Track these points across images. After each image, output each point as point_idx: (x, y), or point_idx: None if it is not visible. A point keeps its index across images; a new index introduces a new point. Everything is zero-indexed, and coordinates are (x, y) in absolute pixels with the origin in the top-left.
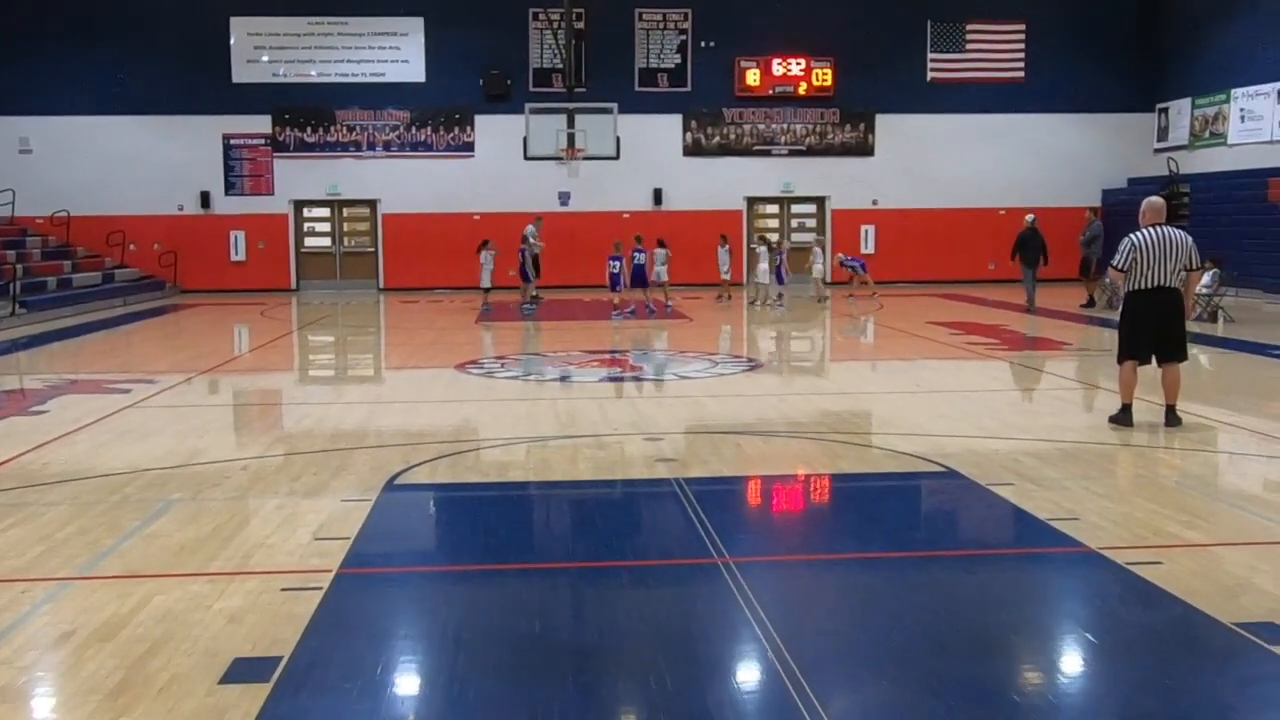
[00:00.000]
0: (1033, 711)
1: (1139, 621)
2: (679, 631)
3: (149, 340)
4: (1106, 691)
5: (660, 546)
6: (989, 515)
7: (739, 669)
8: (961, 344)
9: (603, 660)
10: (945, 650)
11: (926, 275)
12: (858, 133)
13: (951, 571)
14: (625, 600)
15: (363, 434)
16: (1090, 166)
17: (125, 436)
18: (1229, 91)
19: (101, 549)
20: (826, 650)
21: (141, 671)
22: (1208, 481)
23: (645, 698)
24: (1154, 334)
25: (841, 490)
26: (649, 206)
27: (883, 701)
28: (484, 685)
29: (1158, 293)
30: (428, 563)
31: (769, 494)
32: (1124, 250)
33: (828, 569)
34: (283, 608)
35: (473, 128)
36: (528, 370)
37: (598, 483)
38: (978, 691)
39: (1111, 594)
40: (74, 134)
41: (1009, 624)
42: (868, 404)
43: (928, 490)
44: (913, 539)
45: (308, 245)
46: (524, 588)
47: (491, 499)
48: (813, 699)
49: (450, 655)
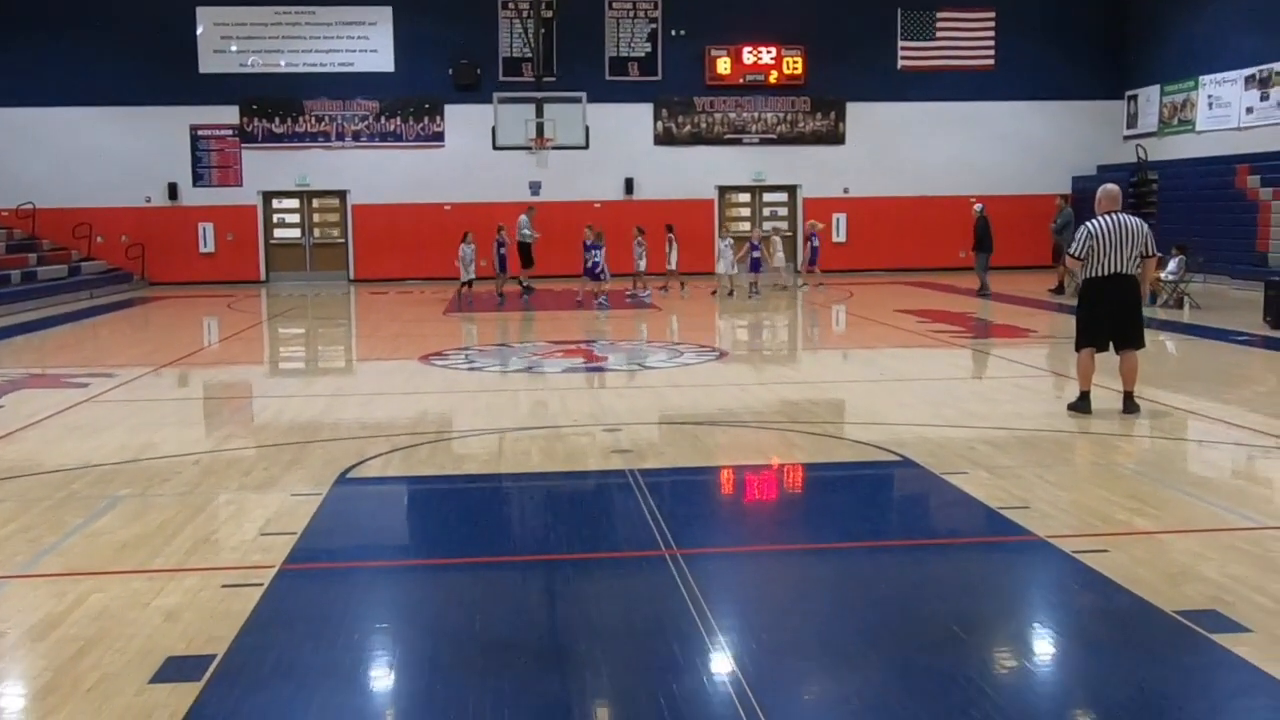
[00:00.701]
0: (970, 702)
1: (1081, 610)
2: (619, 625)
3: (113, 334)
4: (1045, 680)
5: (609, 539)
6: (940, 504)
7: (675, 663)
8: (927, 332)
9: (540, 655)
10: (886, 642)
11: (897, 263)
12: (829, 121)
13: (898, 561)
14: (568, 594)
15: (319, 427)
16: (1060, 154)
17: (78, 432)
18: (1197, 79)
19: (42, 546)
20: (766, 643)
21: (71, 671)
22: (1161, 468)
23: (580, 692)
24: (1111, 321)
25: (795, 481)
26: (620, 196)
27: (819, 693)
28: (419, 681)
29: (1114, 280)
30: (373, 558)
31: (722, 485)
32: (1080, 238)
33: (775, 560)
34: (221, 605)
35: (442, 118)
36: (491, 362)
37: (551, 475)
38: (917, 682)
39: (1055, 583)
40: (39, 125)
41: (951, 614)
42: (830, 393)
43: (881, 480)
44: (862, 529)
45: (277, 237)
46: (467, 582)
47: (442, 492)
48: (748, 692)
49: (388, 651)
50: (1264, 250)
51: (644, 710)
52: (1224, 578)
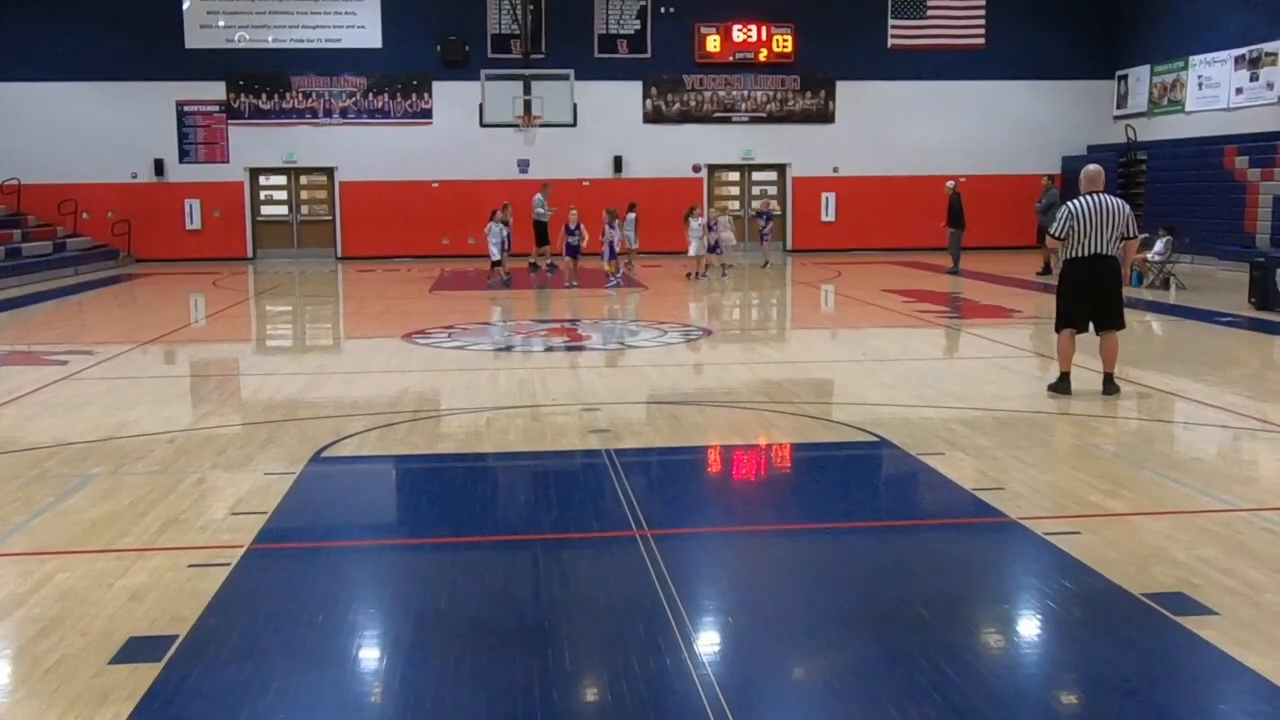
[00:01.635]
0: (937, 684)
1: (1050, 593)
2: (585, 607)
3: (96, 310)
4: (1011, 663)
5: (580, 520)
6: (915, 486)
7: (642, 643)
8: (912, 312)
9: (509, 635)
10: (855, 623)
11: (886, 243)
12: (818, 99)
13: (869, 543)
14: (538, 575)
15: (297, 405)
16: (1050, 133)
17: (54, 409)
18: (1187, 59)
19: (10, 525)
20: (733, 624)
21: (30, 652)
22: (1138, 450)
23: (548, 675)
24: (1091, 302)
25: (770, 461)
26: (609, 174)
27: (787, 674)
28: (385, 661)
29: (1094, 260)
30: (343, 537)
31: (697, 465)
32: (1061, 218)
33: (747, 541)
34: (187, 585)
35: (430, 94)
36: (474, 340)
37: (526, 454)
38: (886, 663)
39: (1025, 565)
40: (24, 100)
41: (921, 596)
42: (811, 373)
43: (857, 460)
44: (834, 510)
45: (264, 214)
46: (436, 562)
47: (417, 472)
48: (710, 675)
49: (354, 631)
50: (1251, 231)
51: (611, 690)
52: (1193, 560)
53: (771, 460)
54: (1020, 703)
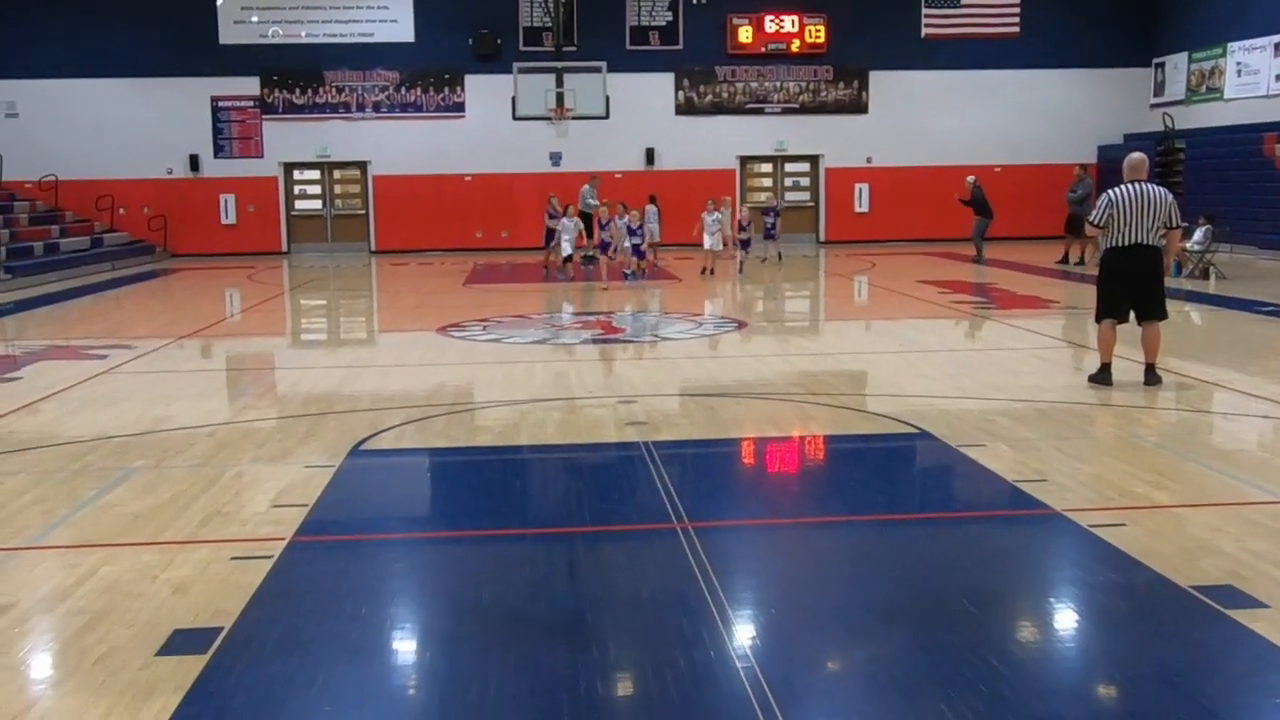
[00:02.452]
0: (984, 678)
1: (1097, 585)
2: (631, 599)
3: (134, 305)
4: (1059, 656)
5: (621, 512)
6: (957, 477)
7: (683, 638)
8: (949, 303)
9: (550, 628)
10: (900, 616)
11: (920, 234)
12: (851, 90)
13: (913, 535)
14: (581, 568)
15: (335, 398)
16: (1086, 122)
17: (95, 403)
18: (1225, 45)
19: (55, 518)
20: (777, 617)
21: (78, 644)
22: (1181, 441)
23: (592, 667)
24: (1133, 292)
25: (810, 453)
26: (641, 166)
27: (829, 668)
28: (427, 654)
29: (1136, 250)
30: (384, 530)
31: (736, 457)
32: (1101, 207)
33: (789, 533)
34: (230, 577)
35: (463, 88)
36: (509, 333)
37: (564, 447)
38: (931, 657)
39: (1072, 557)
40: (61, 97)
41: (966, 589)
42: (848, 364)
43: (897, 452)
44: (876, 502)
45: (298, 208)
46: (478, 555)
47: (456, 465)
48: (755, 668)
49: (397, 624)
50: None
51: (654, 683)
52: (1242, 552)
53: (811, 452)
54: (1068, 696)
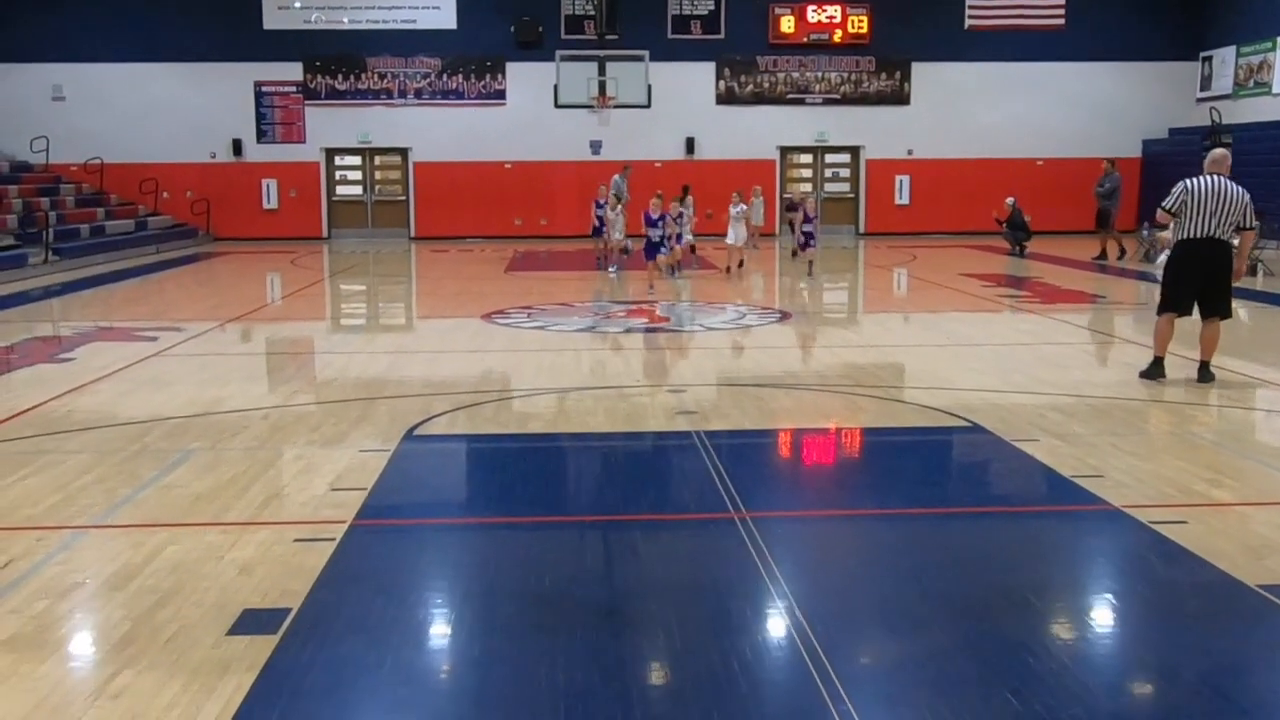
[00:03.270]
0: (1049, 672)
1: (1161, 582)
2: (691, 587)
3: (180, 288)
4: (1125, 652)
5: (677, 500)
6: (1012, 472)
7: (750, 625)
8: (993, 296)
9: (613, 616)
10: (962, 608)
11: (961, 227)
12: (893, 81)
13: (971, 529)
14: (639, 555)
15: (384, 384)
16: (1131, 116)
17: (149, 385)
18: (1275, 39)
19: (118, 498)
20: (840, 607)
21: (150, 622)
22: (1238, 439)
23: (655, 654)
24: (1198, 286)
25: (863, 445)
26: (681, 156)
27: (894, 659)
28: (491, 640)
29: (1207, 244)
30: (443, 515)
31: (789, 448)
32: (1175, 193)
33: (846, 525)
34: (294, 559)
35: (504, 75)
36: (553, 321)
37: (617, 435)
38: (994, 650)
39: (1134, 553)
40: (107, 81)
41: (1028, 583)
42: (894, 357)
43: (951, 446)
44: (933, 495)
45: (339, 194)
46: (536, 541)
47: (510, 451)
48: (822, 657)
49: (460, 609)
50: None
51: (718, 671)
52: None
53: (864, 444)
54: (1137, 692)
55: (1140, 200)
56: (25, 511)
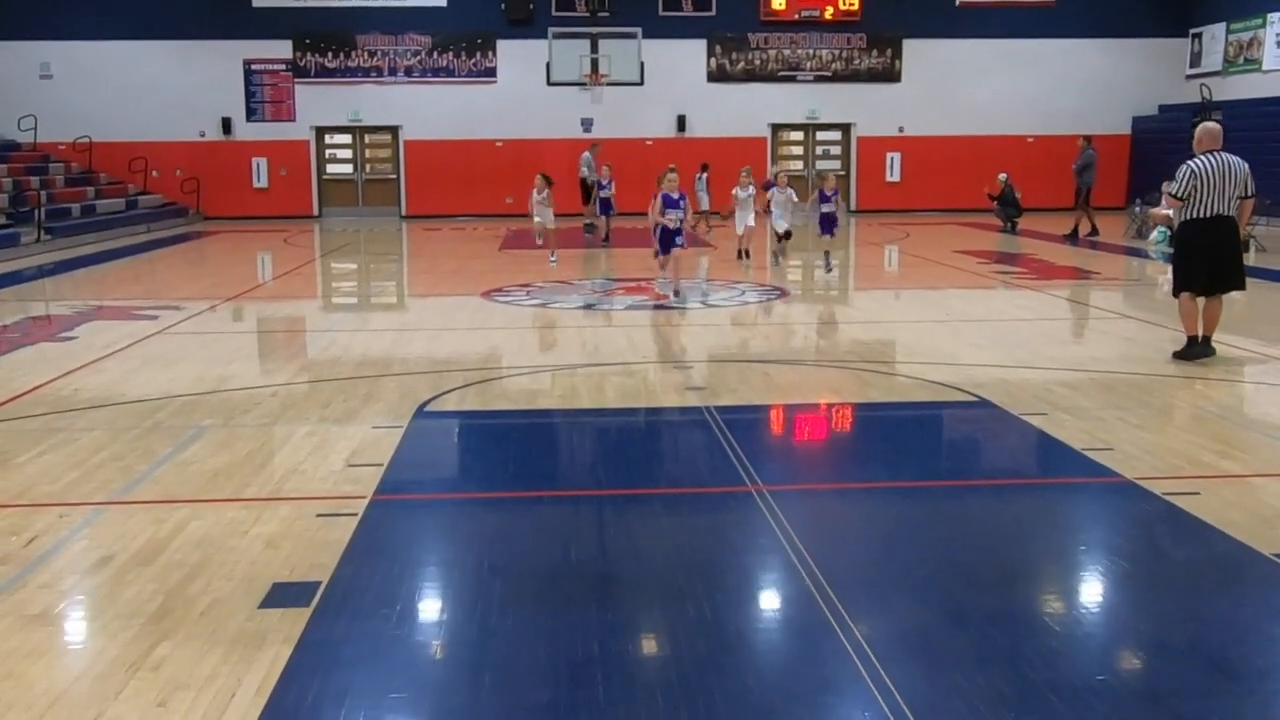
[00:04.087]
0: (1069, 639)
1: (1179, 552)
2: (715, 558)
3: (174, 267)
4: (1144, 620)
5: (693, 474)
6: (1022, 445)
7: (775, 596)
8: (990, 273)
9: (639, 587)
10: (986, 579)
11: (952, 204)
12: (885, 58)
13: (986, 500)
14: (660, 527)
15: (390, 361)
16: (1121, 93)
17: (154, 363)
18: (1265, 16)
19: (136, 475)
20: (862, 578)
21: (182, 595)
22: (1242, 412)
23: (683, 623)
24: (1211, 263)
25: (873, 419)
26: (672, 133)
27: (924, 629)
28: (521, 611)
29: (1215, 221)
30: (461, 489)
31: (800, 422)
32: (1183, 178)
33: (862, 497)
34: (319, 534)
35: (495, 53)
36: (554, 298)
37: (628, 410)
38: (1020, 620)
39: (1149, 524)
40: (95, 59)
41: (1048, 553)
42: (896, 333)
43: (960, 420)
44: (947, 468)
45: (330, 172)
46: (558, 514)
47: (522, 426)
48: (850, 625)
49: (487, 582)
50: None
51: (751, 640)
52: None
53: (874, 419)
54: (1162, 659)
55: (1130, 177)
56: (44, 488)
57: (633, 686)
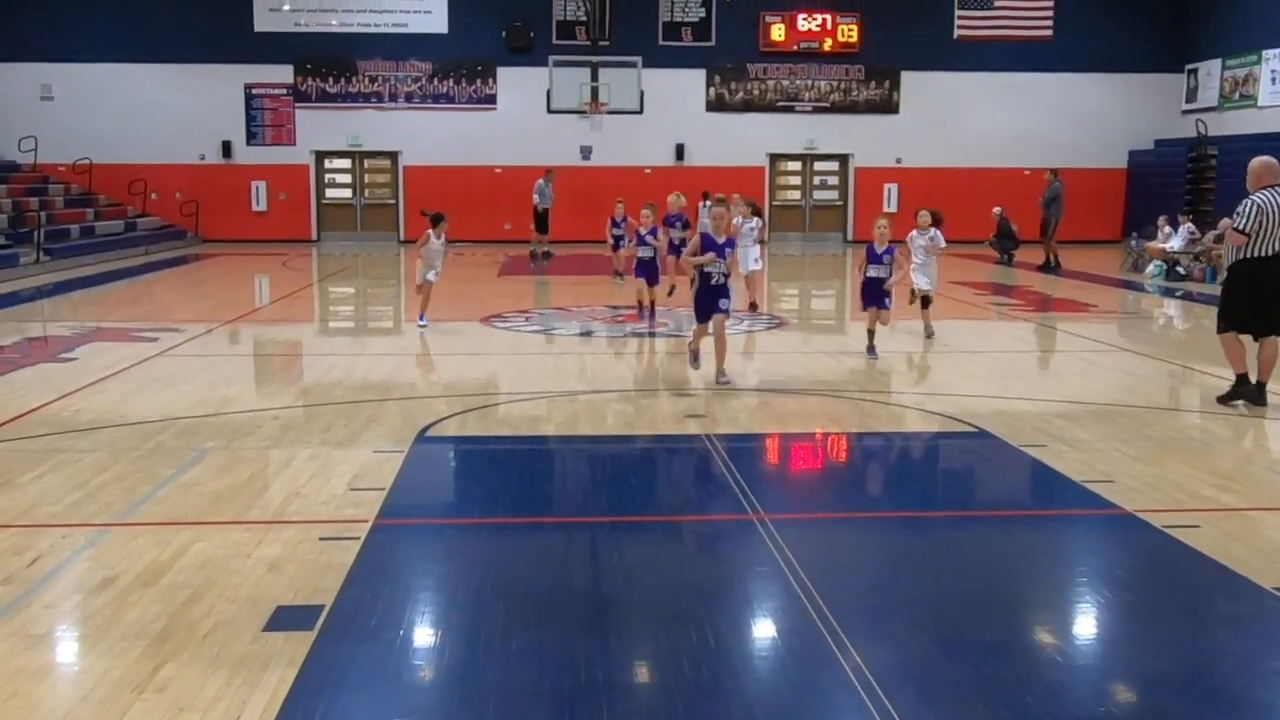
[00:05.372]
0: (1070, 670)
1: (1178, 584)
2: (717, 586)
3: (173, 289)
4: (1145, 653)
5: (695, 502)
6: (1022, 476)
7: (777, 624)
8: (986, 304)
9: (642, 613)
10: (988, 610)
11: (950, 235)
12: (883, 90)
13: (987, 531)
14: (662, 554)
15: (391, 386)
16: (1117, 127)
17: (155, 384)
18: (1260, 53)
19: (138, 496)
20: (863, 607)
21: (186, 617)
22: (1240, 445)
23: (686, 650)
24: (1264, 302)
25: (874, 449)
26: (671, 162)
27: (920, 657)
28: (524, 637)
29: (1275, 260)
30: (463, 514)
31: (801, 451)
32: (1249, 213)
33: (864, 527)
34: (321, 557)
35: (495, 80)
36: (553, 325)
37: (630, 438)
38: (1014, 650)
39: (1149, 556)
40: (96, 81)
41: (1046, 584)
42: (896, 363)
43: (960, 450)
44: (948, 499)
45: (329, 197)
46: (560, 540)
47: (523, 452)
48: (852, 653)
49: (490, 607)
50: None
51: (756, 667)
52: None
53: (875, 448)
54: (1163, 692)
55: (1126, 211)
56: (47, 509)
57: (636, 713)
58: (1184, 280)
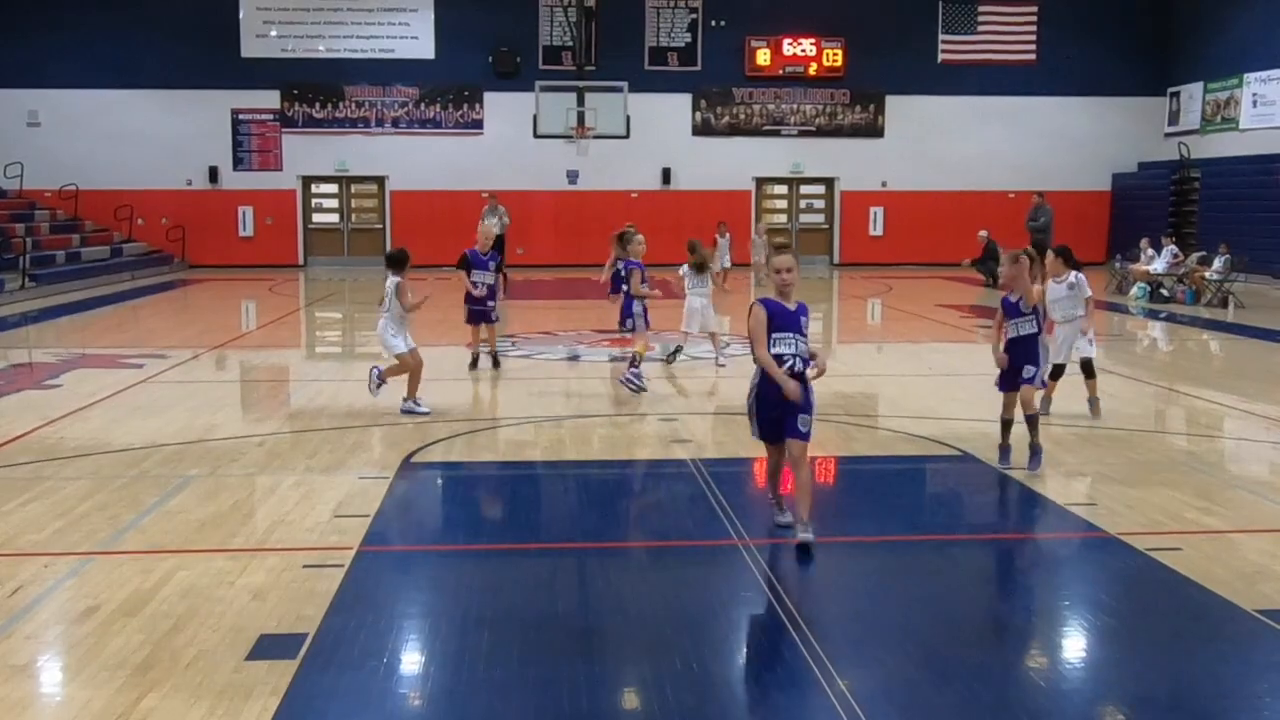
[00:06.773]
0: (1054, 694)
1: (1160, 607)
2: (702, 611)
3: (159, 315)
4: (1128, 676)
5: (680, 527)
6: (1006, 499)
7: (762, 649)
8: (971, 327)
9: (626, 639)
10: (972, 634)
11: (935, 258)
12: (868, 114)
13: (971, 555)
14: (647, 580)
15: (376, 412)
16: (1101, 150)
17: (139, 411)
18: (1241, 76)
19: (122, 524)
20: (848, 631)
21: (168, 646)
22: (1223, 468)
23: (671, 676)
24: None
25: (857, 473)
26: (657, 186)
27: (905, 681)
28: (508, 664)
29: None
30: (448, 541)
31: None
32: None
33: (848, 551)
34: (305, 585)
35: (482, 105)
36: (539, 350)
37: (615, 463)
38: (999, 673)
39: (1131, 580)
40: (82, 107)
41: (1030, 608)
42: (879, 386)
43: (943, 474)
44: (930, 522)
45: (316, 221)
46: (545, 566)
47: (509, 478)
48: (837, 678)
49: (474, 634)
50: None
51: (746, 694)
52: None
53: (860, 472)
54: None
55: (1110, 233)
56: (29, 537)
57: None
58: (1168, 302)
